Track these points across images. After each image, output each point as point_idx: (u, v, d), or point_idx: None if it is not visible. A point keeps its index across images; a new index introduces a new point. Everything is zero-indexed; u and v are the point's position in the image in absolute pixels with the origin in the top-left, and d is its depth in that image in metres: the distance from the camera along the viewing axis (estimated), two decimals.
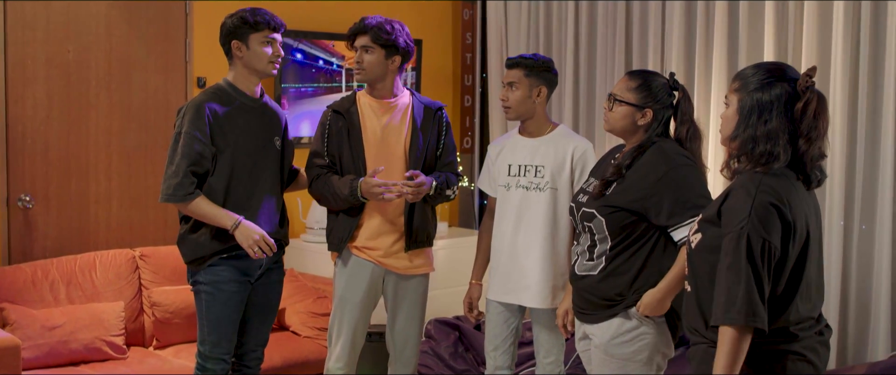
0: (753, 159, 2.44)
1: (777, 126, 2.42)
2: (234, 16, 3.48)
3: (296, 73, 5.32)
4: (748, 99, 2.46)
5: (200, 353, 3.55)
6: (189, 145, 3.37)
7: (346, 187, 3.54)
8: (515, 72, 3.58)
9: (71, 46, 4.61)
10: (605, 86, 5.20)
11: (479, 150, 6.24)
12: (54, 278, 4.37)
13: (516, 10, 5.74)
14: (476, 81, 6.18)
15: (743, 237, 2.35)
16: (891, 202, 4.15)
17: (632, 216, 2.97)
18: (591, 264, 3.05)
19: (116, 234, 4.80)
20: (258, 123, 3.54)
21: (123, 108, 4.79)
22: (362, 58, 3.61)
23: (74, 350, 4.13)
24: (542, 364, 3.70)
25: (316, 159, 3.68)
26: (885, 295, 4.17)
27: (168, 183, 3.39)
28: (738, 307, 2.34)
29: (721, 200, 2.48)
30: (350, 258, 3.68)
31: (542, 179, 3.58)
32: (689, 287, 2.58)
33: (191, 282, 3.57)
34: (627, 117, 3.05)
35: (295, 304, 4.75)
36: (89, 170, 4.71)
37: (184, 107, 3.46)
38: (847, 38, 4.22)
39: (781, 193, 2.39)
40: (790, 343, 2.44)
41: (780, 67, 2.51)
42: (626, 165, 3.01)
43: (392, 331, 3.78)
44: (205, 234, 3.45)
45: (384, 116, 3.66)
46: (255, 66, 3.50)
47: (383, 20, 3.61)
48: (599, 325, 3.05)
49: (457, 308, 5.36)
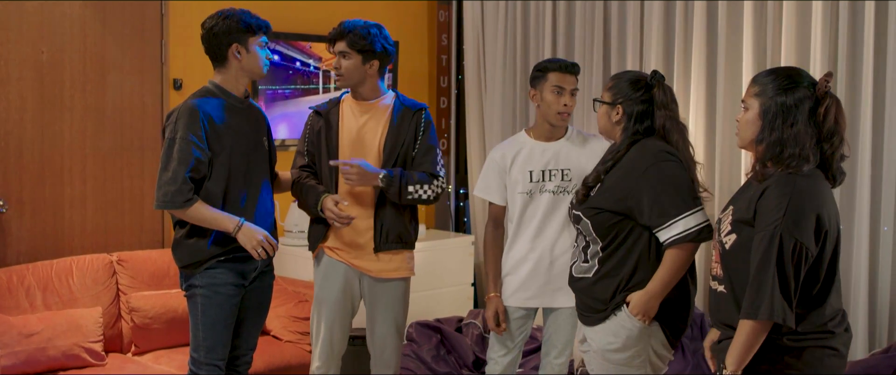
0: (783, 162, 2.49)
1: (802, 129, 2.48)
2: (227, 19, 3.40)
3: (272, 74, 5.26)
4: (771, 103, 2.52)
5: (194, 360, 3.48)
6: (185, 151, 3.31)
7: (313, 197, 3.58)
8: (576, 79, 3.58)
9: (44, 47, 4.52)
10: (583, 87, 5.20)
11: (455, 152, 6.22)
12: (30, 284, 4.28)
13: (493, 10, 5.73)
14: (452, 82, 6.17)
15: (775, 237, 2.41)
16: (868, 204, 4.18)
17: (617, 217, 2.97)
18: (586, 266, 3.06)
19: (92, 238, 4.72)
20: (248, 123, 3.51)
21: (98, 110, 4.70)
22: (340, 63, 3.61)
23: (52, 357, 4.05)
24: (552, 364, 3.68)
25: (298, 159, 3.75)
26: (862, 295, 4.20)
27: (165, 190, 3.32)
28: (767, 304, 2.40)
29: (755, 199, 2.51)
30: (324, 259, 3.70)
31: (569, 182, 3.57)
32: (722, 289, 2.61)
33: (185, 287, 3.50)
34: (604, 116, 3.13)
35: (276, 308, 4.68)
36: (64, 173, 4.62)
37: (175, 111, 3.39)
38: (825, 37, 4.25)
39: (816, 194, 2.46)
40: (828, 339, 2.51)
41: (798, 71, 2.58)
42: (607, 166, 3.05)
43: (372, 334, 3.77)
44: (202, 237, 3.40)
45: (363, 117, 3.66)
46: (253, 69, 3.47)
47: (361, 24, 3.59)
48: (595, 329, 3.05)
49: (437, 311, 5.36)
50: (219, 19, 3.42)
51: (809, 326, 2.49)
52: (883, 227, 4.20)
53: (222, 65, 3.46)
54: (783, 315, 2.40)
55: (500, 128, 5.65)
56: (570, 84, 3.54)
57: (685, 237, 2.89)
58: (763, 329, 2.43)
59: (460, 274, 5.59)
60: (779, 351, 2.50)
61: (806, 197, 2.43)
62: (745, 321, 2.44)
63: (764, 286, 2.41)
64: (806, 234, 2.41)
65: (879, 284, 4.22)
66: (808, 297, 2.48)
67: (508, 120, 5.65)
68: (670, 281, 2.93)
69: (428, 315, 5.23)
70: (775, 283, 2.39)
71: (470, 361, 4.87)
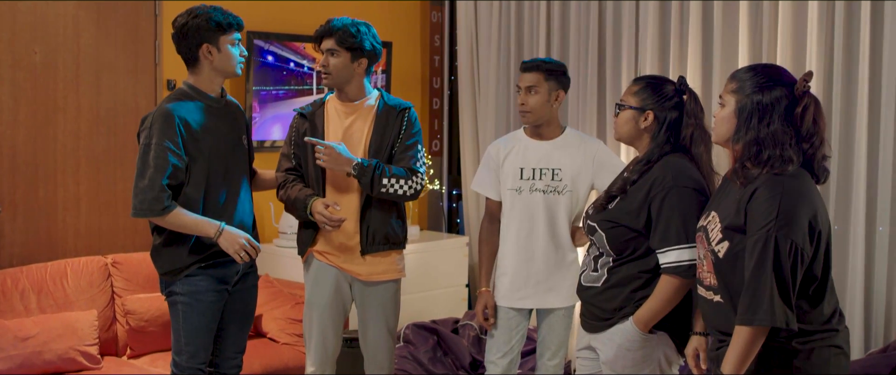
0: (764, 163, 2.44)
1: (779, 129, 2.43)
2: (197, 17, 3.32)
3: (266, 75, 5.23)
4: (747, 101, 2.47)
5: (176, 364, 3.46)
6: (162, 157, 3.24)
7: (301, 202, 3.54)
8: (534, 75, 3.55)
9: (38, 48, 4.48)
10: (578, 87, 5.20)
11: (448, 152, 6.21)
12: (25, 287, 4.24)
13: (487, 10, 5.72)
14: (444, 83, 6.16)
15: (770, 240, 2.36)
16: (864, 203, 4.19)
17: (632, 233, 2.92)
18: (596, 275, 3.02)
19: (86, 240, 4.68)
20: (225, 124, 3.46)
21: (92, 111, 4.66)
22: (328, 61, 3.56)
23: (48, 361, 4.01)
24: (546, 366, 3.68)
25: (283, 162, 3.68)
26: (858, 295, 4.21)
27: (141, 197, 3.25)
28: (765, 309, 2.35)
29: (744, 203, 2.46)
30: (313, 263, 3.68)
31: (560, 182, 3.56)
32: (718, 299, 2.56)
33: (165, 293, 3.47)
34: (630, 121, 2.99)
35: (272, 310, 4.67)
36: (57, 175, 4.58)
37: (149, 116, 3.33)
38: (821, 38, 4.26)
39: (806, 194, 2.41)
40: (833, 337, 2.48)
41: (777, 69, 2.52)
42: (632, 180, 2.94)
43: (364, 337, 3.76)
44: (181, 244, 3.35)
45: (348, 118, 3.64)
46: (226, 68, 3.40)
47: (350, 22, 3.56)
48: (602, 339, 3.00)
49: (433, 312, 5.35)
50: (188, 18, 3.32)
51: (814, 325, 2.46)
52: (878, 227, 4.21)
53: (194, 66, 3.38)
54: (784, 319, 2.35)
55: (493, 128, 5.63)
56: (526, 82, 3.55)
57: (675, 269, 2.83)
58: (761, 335, 2.38)
59: (454, 276, 5.57)
60: (788, 356, 2.45)
61: (796, 198, 2.38)
62: (741, 327, 2.39)
63: (760, 291, 2.35)
64: (800, 235, 2.36)
65: (875, 284, 4.23)
66: (808, 296, 2.45)
67: (502, 120, 5.64)
68: (661, 309, 2.87)
69: (422, 317, 5.22)
70: (773, 287, 2.34)
71: (467, 362, 4.87)
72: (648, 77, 3.07)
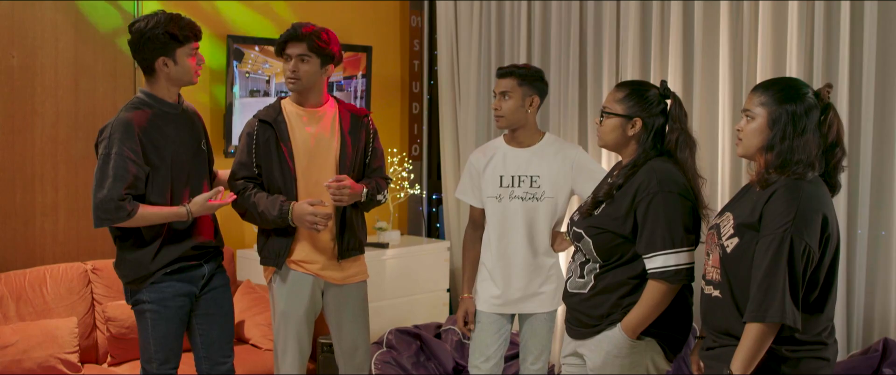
0: (789, 169, 2.50)
1: (811, 137, 2.51)
2: (154, 28, 3.26)
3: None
4: (781, 111, 2.52)
5: (146, 372, 3.43)
6: (122, 167, 3.22)
7: (274, 208, 3.48)
8: (508, 81, 3.55)
9: (15, 51, 4.42)
10: (558, 90, 5.20)
11: (427, 157, 6.20)
12: (3, 293, 4.18)
13: (467, 11, 5.70)
14: (424, 87, 6.15)
15: (786, 240, 2.41)
16: (845, 207, 4.20)
17: (618, 238, 2.91)
18: (582, 281, 3.01)
19: (64, 247, 4.61)
20: (185, 130, 3.43)
21: (70, 115, 4.61)
22: (298, 67, 3.53)
23: (28, 369, 3.95)
24: (529, 370, 3.68)
25: (242, 171, 3.58)
26: (839, 298, 4.23)
27: (103, 208, 3.22)
28: (777, 306, 2.40)
29: (762, 204, 2.50)
30: (289, 274, 3.63)
31: (538, 189, 3.57)
32: (718, 293, 2.60)
33: (131, 302, 3.44)
34: (617, 129, 2.96)
35: (254, 317, 4.64)
36: (35, 180, 4.51)
37: (107, 126, 3.30)
38: (801, 38, 4.29)
39: (822, 200, 2.48)
40: (822, 350, 2.55)
41: (798, 81, 2.61)
42: (618, 185, 2.93)
43: (339, 341, 3.75)
44: (146, 251, 3.33)
45: (312, 125, 3.61)
46: (182, 79, 3.38)
47: (318, 28, 3.56)
48: (590, 346, 2.98)
49: (415, 317, 5.33)
50: (145, 27, 3.28)
51: (806, 336, 2.50)
52: (858, 230, 4.25)
53: (151, 75, 3.36)
54: (793, 318, 2.40)
55: (474, 132, 5.62)
56: (500, 87, 3.56)
57: (661, 274, 2.82)
58: (771, 332, 2.43)
59: (436, 281, 5.56)
60: (776, 360, 2.51)
61: (813, 202, 2.45)
62: (752, 324, 2.43)
63: (773, 289, 2.40)
64: (813, 237, 2.43)
65: (855, 286, 4.26)
66: (806, 304, 2.49)
67: (483, 125, 5.63)
68: (649, 315, 2.86)
69: (404, 322, 5.20)
70: (786, 285, 2.39)
71: (450, 367, 4.85)
72: (632, 83, 3.03)
